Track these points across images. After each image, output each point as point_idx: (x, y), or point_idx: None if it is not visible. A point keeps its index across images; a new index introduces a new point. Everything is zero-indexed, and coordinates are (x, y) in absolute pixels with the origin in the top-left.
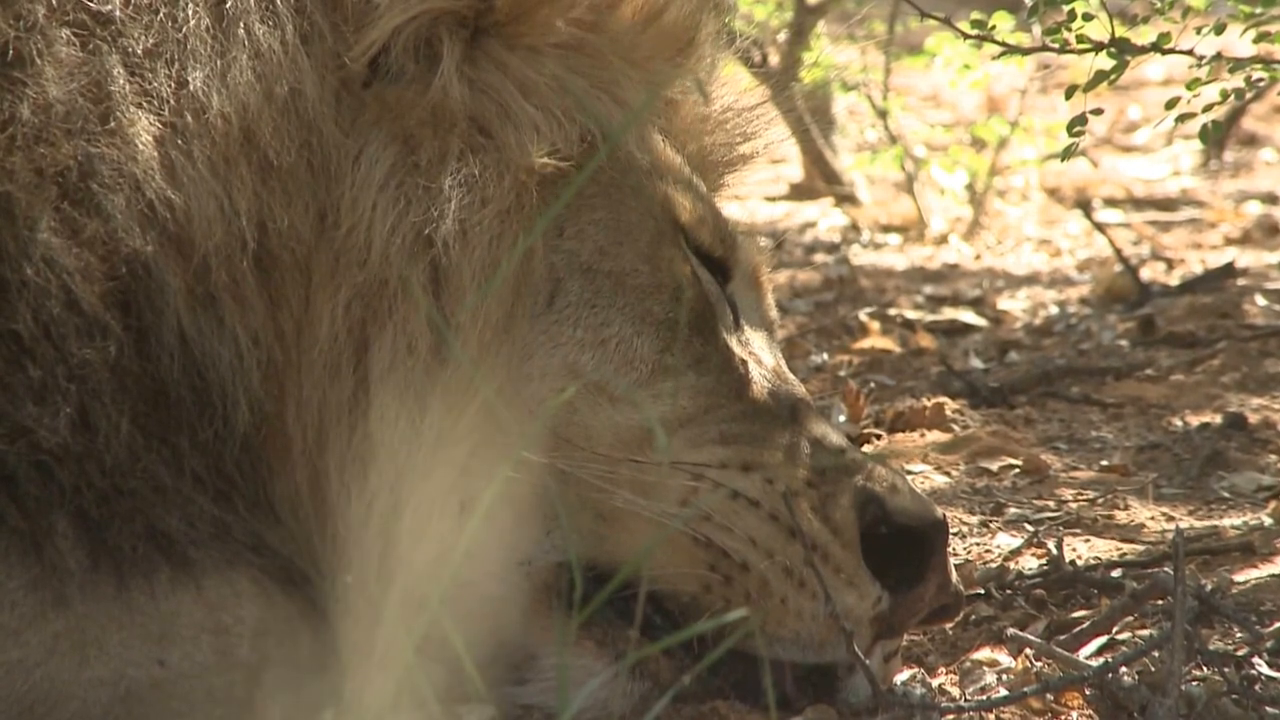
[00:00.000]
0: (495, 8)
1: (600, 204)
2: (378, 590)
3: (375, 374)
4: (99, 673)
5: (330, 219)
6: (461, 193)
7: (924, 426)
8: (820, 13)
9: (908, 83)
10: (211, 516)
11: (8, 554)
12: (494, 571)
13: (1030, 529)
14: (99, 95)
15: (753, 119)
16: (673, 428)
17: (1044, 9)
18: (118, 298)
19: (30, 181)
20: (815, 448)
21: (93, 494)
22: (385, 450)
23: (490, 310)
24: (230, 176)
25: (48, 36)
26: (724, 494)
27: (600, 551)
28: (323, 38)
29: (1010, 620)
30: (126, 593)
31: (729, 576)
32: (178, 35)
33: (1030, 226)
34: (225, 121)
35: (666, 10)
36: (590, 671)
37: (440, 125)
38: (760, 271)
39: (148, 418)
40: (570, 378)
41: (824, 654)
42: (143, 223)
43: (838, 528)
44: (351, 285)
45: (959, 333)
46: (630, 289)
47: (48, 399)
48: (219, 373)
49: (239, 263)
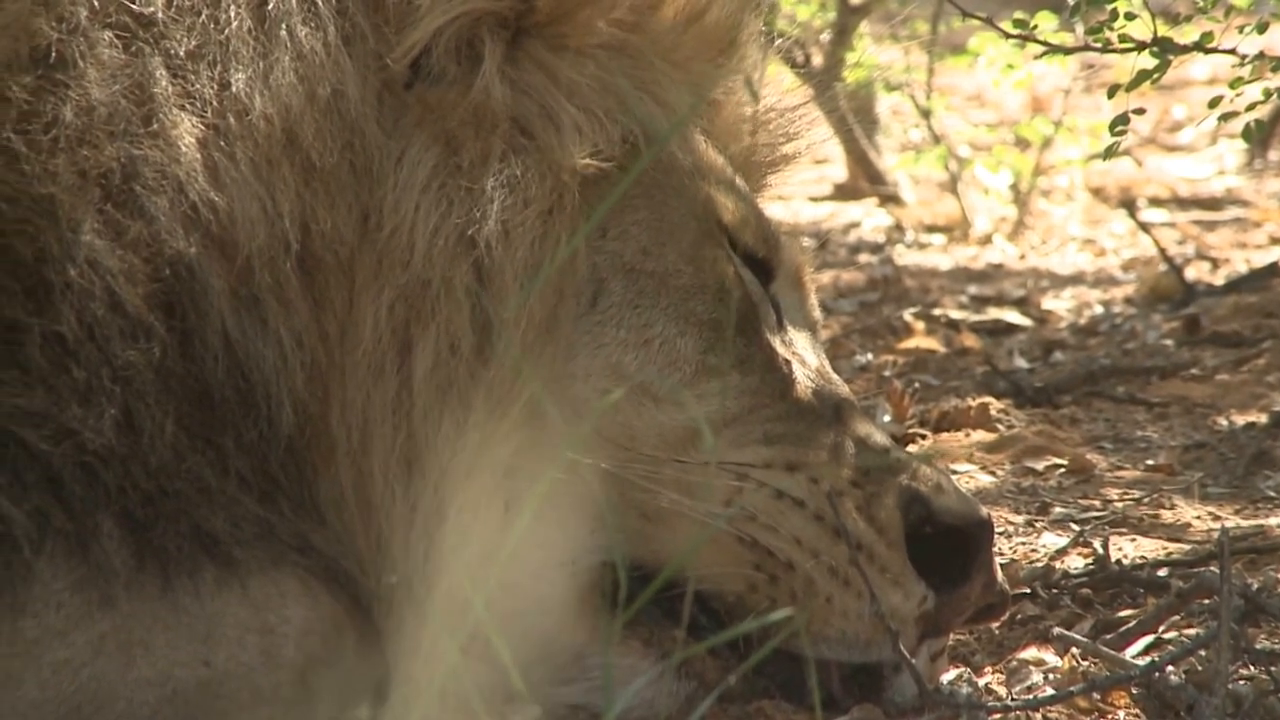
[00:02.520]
0: (536, 9)
1: (643, 205)
2: (422, 590)
3: (419, 375)
4: (145, 673)
5: (373, 220)
6: (504, 194)
7: (969, 426)
8: (863, 13)
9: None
10: (256, 517)
11: (54, 555)
12: (539, 571)
13: (1076, 528)
14: (142, 97)
15: (796, 119)
16: (717, 428)
17: (1086, 8)
18: (161, 299)
19: (73, 183)
20: (860, 447)
21: (138, 495)
22: (429, 451)
23: (534, 311)
24: (273, 178)
25: (90, 39)
26: (769, 494)
27: (645, 551)
28: (365, 39)
29: (1056, 619)
30: (172, 593)
31: (774, 576)
32: (220, 37)
33: (1075, 226)
34: (268, 123)
35: (708, 11)
36: (636, 671)
37: (482, 126)
38: (804, 271)
39: (192, 419)
40: (614, 378)
41: (870, 653)
42: (186, 224)
43: (883, 527)
44: (395, 286)
45: (1004, 332)
46: (673, 289)
47: (92, 400)
48: (263, 374)
49: (282, 264)
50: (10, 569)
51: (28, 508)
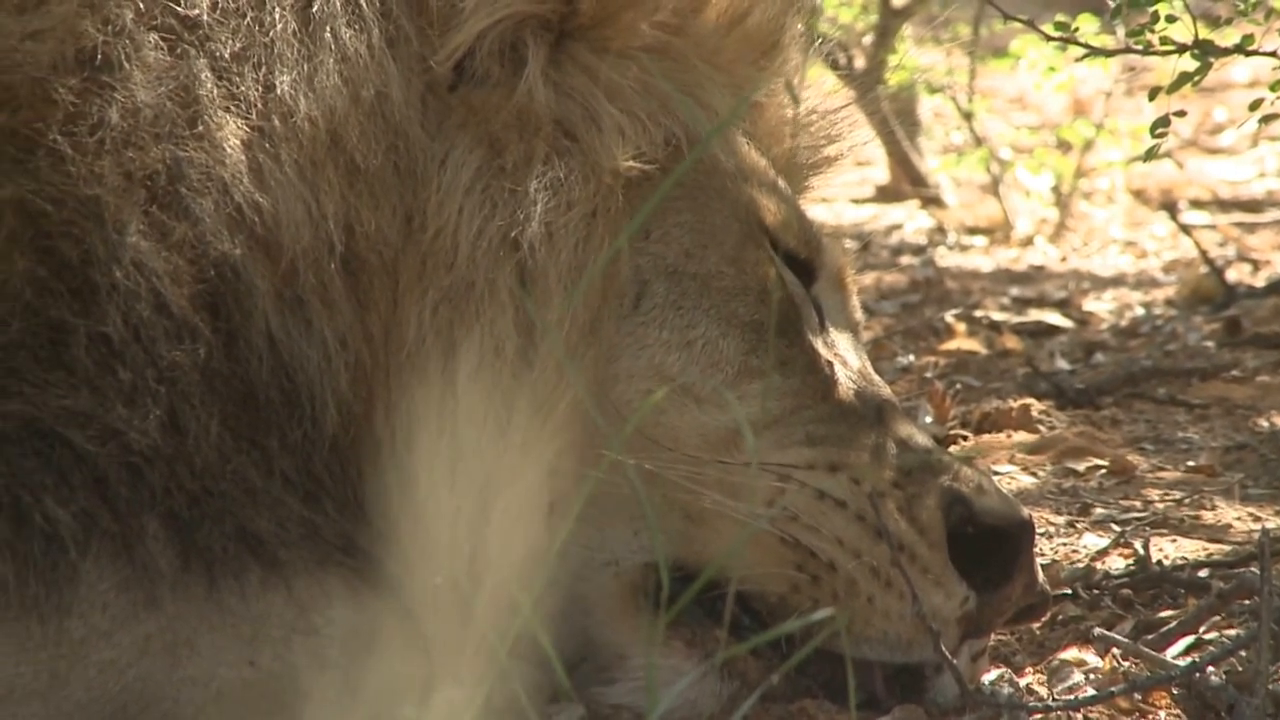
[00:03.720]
0: (580, 11)
1: (686, 207)
2: (467, 591)
3: (463, 376)
4: (190, 673)
5: (417, 222)
6: (547, 196)
7: (1010, 427)
8: (905, 16)
9: (993, 85)
10: (301, 518)
11: (99, 556)
12: (582, 572)
13: (1117, 529)
14: (187, 99)
15: (838, 121)
16: (759, 429)
17: (1128, 11)
18: (206, 300)
19: (119, 185)
20: (901, 448)
21: (183, 495)
22: (473, 452)
23: (577, 312)
24: (317, 180)
25: (136, 41)
26: (811, 494)
27: (688, 552)
28: (408, 41)
29: (1097, 620)
30: (217, 593)
31: (816, 576)
32: (264, 39)
33: (1116, 228)
34: (312, 125)
35: (751, 14)
36: (679, 671)
37: (525, 129)
38: (845, 273)
39: (237, 419)
40: (657, 379)
41: (911, 654)
42: (231, 226)
43: (924, 528)
44: (439, 288)
45: (1045, 334)
46: (716, 291)
47: (138, 401)
48: (307, 375)
49: (327, 265)
50: (56, 570)
51: (74, 509)
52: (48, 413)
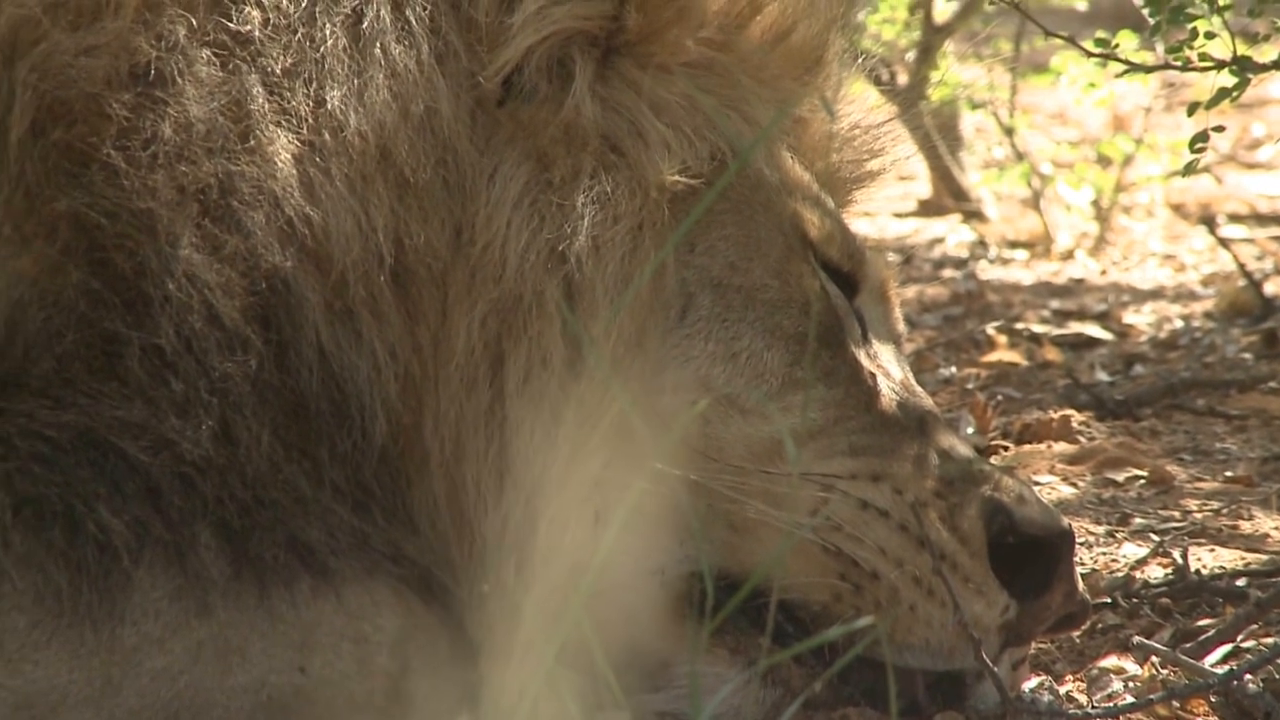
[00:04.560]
0: (627, 28)
1: (730, 220)
2: (515, 599)
3: (511, 387)
4: (241, 680)
5: (466, 235)
6: (594, 209)
7: (1051, 438)
8: (947, 32)
9: (1034, 101)
10: (351, 527)
11: (152, 564)
12: (628, 581)
13: (1156, 539)
14: (239, 114)
15: (881, 136)
16: (803, 439)
17: (1167, 27)
18: (258, 312)
19: (172, 199)
20: (943, 459)
21: (235, 505)
22: (521, 462)
23: (623, 325)
24: (367, 194)
25: (188, 56)
26: (854, 504)
27: (732, 561)
28: (457, 57)
29: (1136, 628)
30: (268, 601)
31: (859, 585)
32: (315, 55)
33: (1155, 242)
34: (362, 140)
35: (795, 30)
36: (723, 679)
37: (573, 143)
38: (888, 286)
39: (288, 430)
40: (702, 391)
41: (953, 661)
42: (282, 239)
43: (966, 537)
44: (487, 300)
45: (1085, 346)
46: (760, 303)
47: (190, 412)
48: (357, 385)
49: (376, 278)
50: (110, 578)
51: (127, 518)
52: (101, 423)
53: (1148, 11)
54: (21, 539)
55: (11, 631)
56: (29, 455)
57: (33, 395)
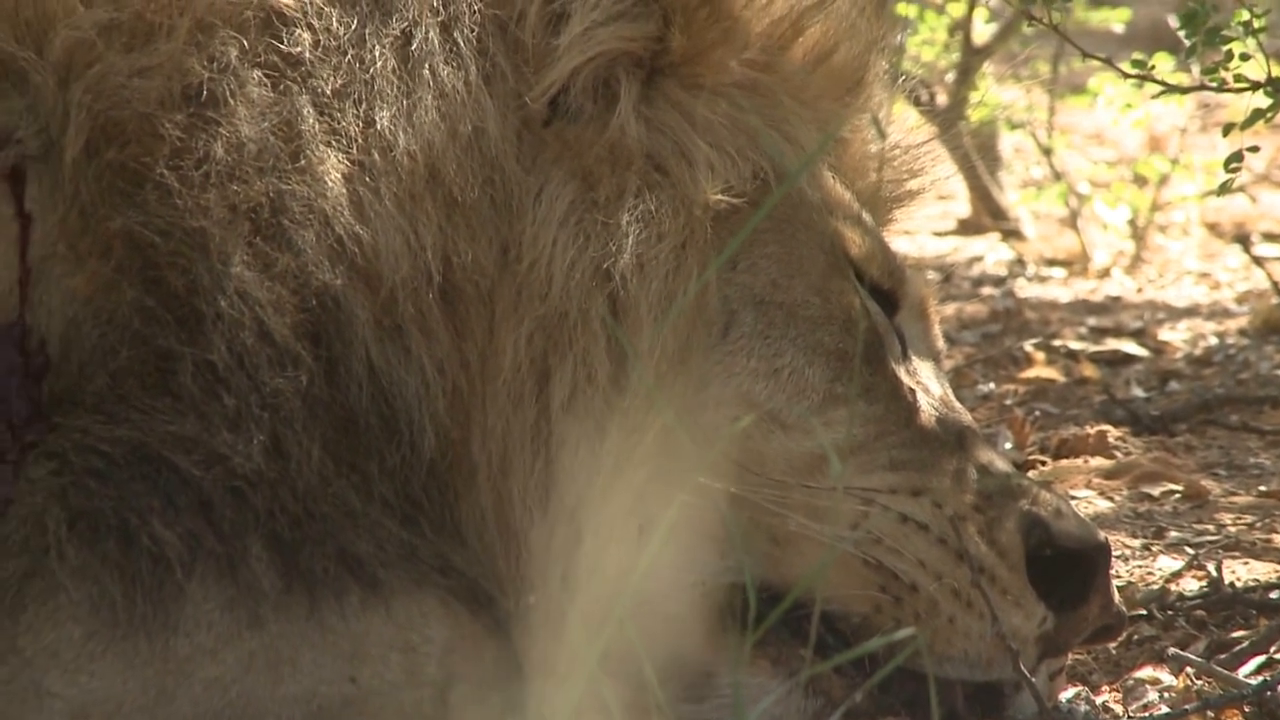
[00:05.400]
0: (671, 49)
1: (772, 239)
2: (560, 609)
3: (556, 403)
4: (292, 690)
5: (512, 253)
6: (639, 228)
7: (1087, 453)
8: (986, 54)
9: (1071, 121)
10: (400, 539)
11: (205, 576)
12: (671, 592)
13: (1191, 552)
14: (289, 134)
15: (920, 156)
16: (844, 454)
17: (1202, 49)
18: (308, 329)
19: (224, 217)
20: (982, 473)
21: (285, 518)
22: (566, 476)
23: (667, 341)
24: (416, 212)
25: (240, 77)
26: (894, 518)
27: (774, 573)
28: (504, 78)
29: (1171, 640)
30: (318, 613)
31: (899, 597)
32: (365, 76)
33: (1190, 260)
34: (411, 159)
35: (836, 51)
36: (765, 689)
37: (618, 163)
38: (928, 303)
39: (338, 444)
40: (744, 406)
41: (991, 672)
42: (332, 257)
43: (1004, 550)
44: (533, 317)
45: (1121, 363)
46: (802, 320)
47: (242, 427)
48: (406, 401)
49: (425, 295)
50: (163, 589)
51: (180, 530)
52: (155, 438)
53: (1184, 33)
54: (77, 551)
55: (68, 642)
56: (84, 470)
57: (87, 411)
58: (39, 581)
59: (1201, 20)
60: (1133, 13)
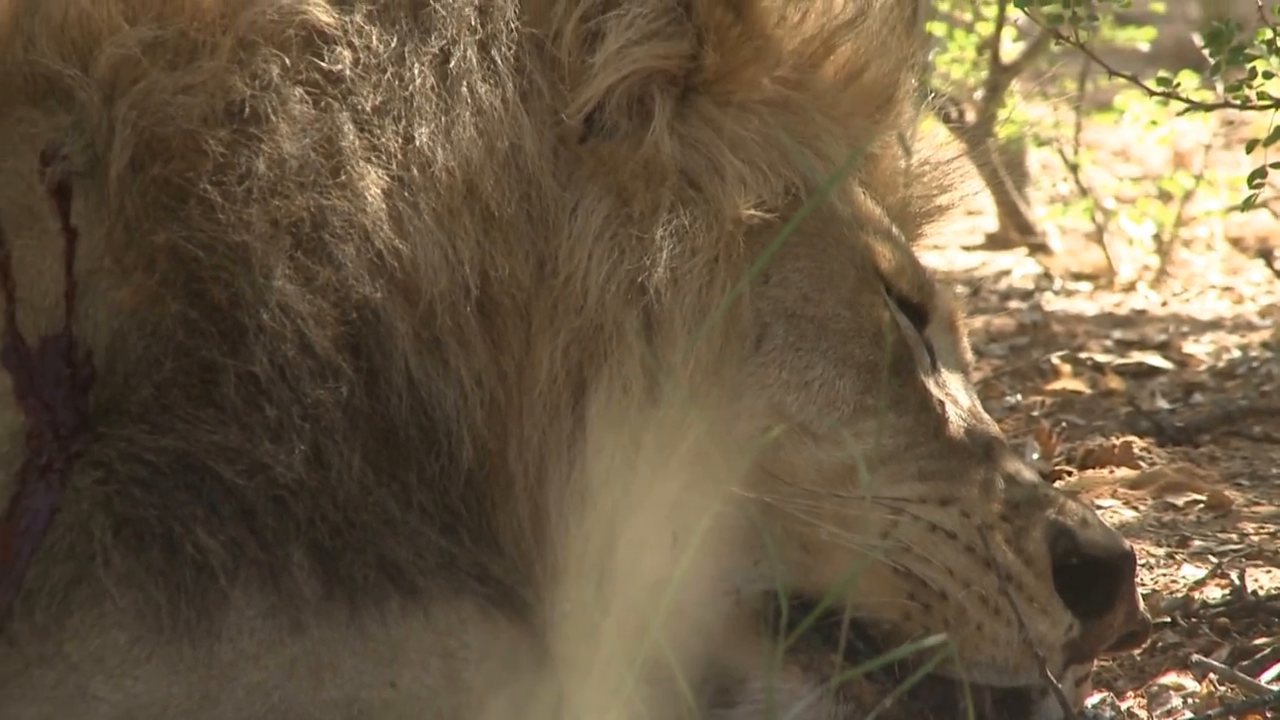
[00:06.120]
0: (705, 67)
1: (804, 253)
2: (596, 617)
3: (592, 414)
4: (333, 695)
5: (549, 267)
6: (672, 243)
7: (1113, 464)
8: (1014, 71)
9: (1097, 138)
10: (438, 548)
11: (247, 583)
12: (705, 600)
13: (1214, 561)
14: (330, 150)
15: (949, 172)
16: (874, 465)
17: (1226, 67)
18: (348, 341)
19: (266, 232)
20: (1009, 483)
21: (326, 526)
22: (601, 486)
23: (700, 354)
24: (454, 227)
25: (282, 95)
26: (923, 527)
27: (805, 581)
28: (541, 95)
29: (1195, 647)
30: (359, 619)
31: (928, 605)
32: (404, 94)
33: (1214, 275)
34: (449, 175)
35: (867, 69)
36: (796, 695)
37: (652, 179)
38: (956, 317)
39: (378, 454)
40: (776, 417)
41: (1018, 678)
42: (372, 271)
43: (1031, 559)
44: (569, 330)
45: (1146, 375)
46: (832, 333)
47: (284, 437)
48: (444, 412)
49: (463, 308)
50: (207, 596)
51: (223, 538)
52: (199, 448)
53: (1208, 52)
54: (122, 559)
55: (114, 647)
56: (129, 478)
57: (133, 421)
58: (85, 588)
59: (1225, 39)
60: (1158, 32)
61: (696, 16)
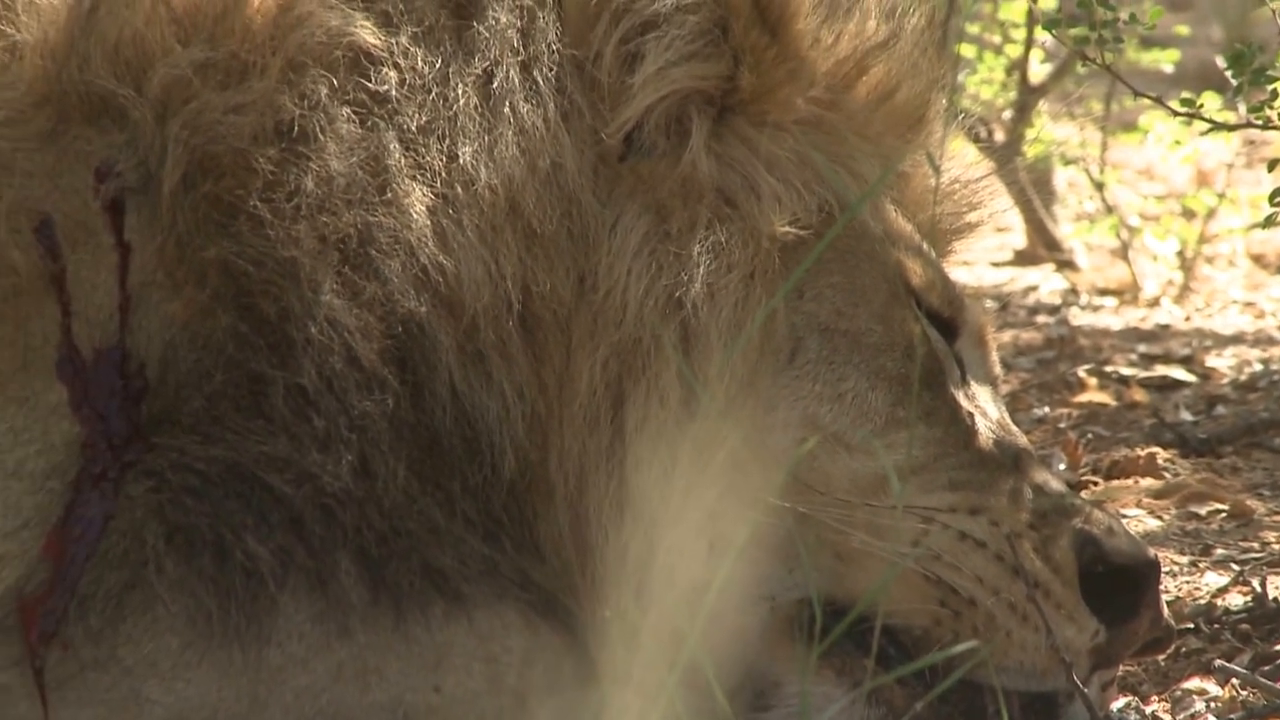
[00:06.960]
0: (741, 87)
1: (837, 269)
2: (635, 623)
3: (630, 426)
4: (379, 698)
5: (589, 282)
6: (709, 259)
7: (1138, 474)
8: (1042, 92)
9: (1123, 157)
10: (481, 555)
11: (296, 589)
12: (741, 606)
13: (1236, 568)
14: (377, 168)
15: (979, 190)
16: (905, 475)
17: (1248, 88)
18: (394, 354)
19: (314, 248)
20: (1037, 493)
21: (373, 534)
22: (640, 496)
23: (736, 367)
24: (497, 243)
25: (330, 114)
26: (953, 535)
27: (838, 588)
28: (581, 115)
29: (1217, 652)
30: (404, 625)
31: (958, 611)
32: (448, 113)
33: (1236, 290)
34: (492, 193)
35: (898, 90)
36: (829, 698)
37: (689, 196)
38: (985, 331)
39: (422, 464)
40: (810, 429)
41: (1045, 683)
42: (417, 285)
43: (1058, 567)
44: (608, 344)
45: (1170, 388)
46: (865, 347)
47: (331, 447)
48: (487, 423)
49: (505, 323)
50: (256, 602)
51: (272, 546)
52: (248, 458)
53: (1230, 74)
54: (174, 565)
55: (165, 652)
56: (180, 487)
57: (184, 431)
58: (138, 594)
59: (1248, 61)
60: (1181, 54)
61: (733, 38)
